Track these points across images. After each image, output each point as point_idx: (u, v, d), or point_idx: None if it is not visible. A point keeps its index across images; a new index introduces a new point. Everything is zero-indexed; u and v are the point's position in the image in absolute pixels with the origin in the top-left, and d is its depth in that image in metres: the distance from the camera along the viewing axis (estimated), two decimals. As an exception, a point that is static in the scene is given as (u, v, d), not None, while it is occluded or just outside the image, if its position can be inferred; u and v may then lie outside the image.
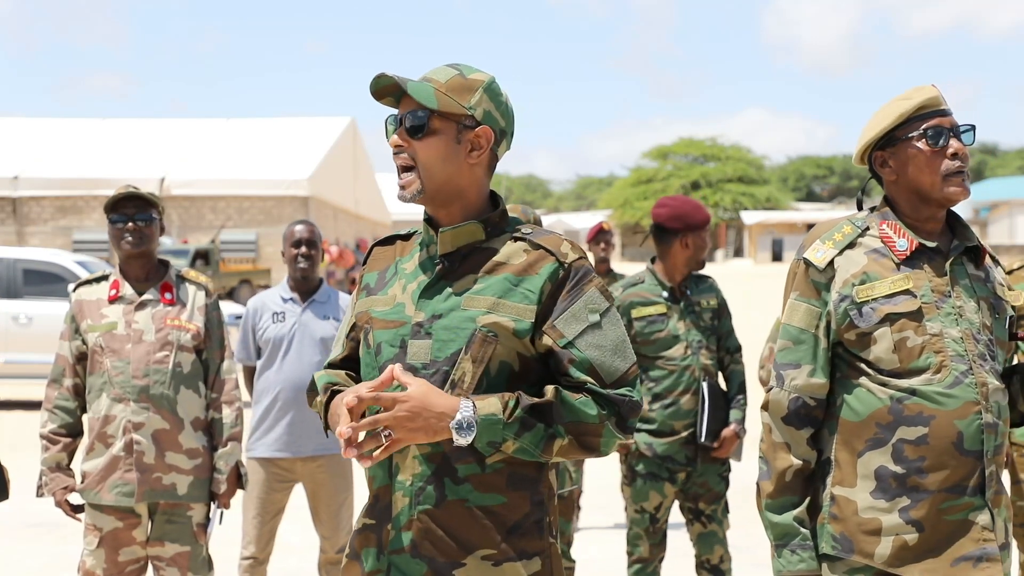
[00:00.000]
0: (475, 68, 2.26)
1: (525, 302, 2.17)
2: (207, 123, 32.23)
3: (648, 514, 4.62)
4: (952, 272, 2.56)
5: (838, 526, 2.57)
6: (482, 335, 2.15)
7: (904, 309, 2.52)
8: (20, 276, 12.57)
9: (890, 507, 2.50)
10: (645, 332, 4.57)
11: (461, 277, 2.22)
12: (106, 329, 4.02)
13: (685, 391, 4.54)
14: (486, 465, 2.16)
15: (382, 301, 2.29)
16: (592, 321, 2.18)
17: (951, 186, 2.54)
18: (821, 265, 2.60)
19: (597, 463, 8.57)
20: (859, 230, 2.62)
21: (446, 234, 2.23)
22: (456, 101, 2.20)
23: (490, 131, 2.23)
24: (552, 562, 2.24)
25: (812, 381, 2.60)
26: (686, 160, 68.24)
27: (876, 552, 2.52)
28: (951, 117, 2.57)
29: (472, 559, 2.17)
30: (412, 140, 2.21)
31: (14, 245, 25.97)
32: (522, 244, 2.23)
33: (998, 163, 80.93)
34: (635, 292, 4.63)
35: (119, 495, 3.97)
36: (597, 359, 2.16)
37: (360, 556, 2.26)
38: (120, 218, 4.02)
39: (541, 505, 2.23)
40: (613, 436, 2.16)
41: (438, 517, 2.17)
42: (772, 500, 2.62)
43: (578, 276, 2.20)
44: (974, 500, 2.48)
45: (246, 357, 4.94)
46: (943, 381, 2.49)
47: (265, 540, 4.80)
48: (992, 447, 2.50)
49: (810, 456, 2.61)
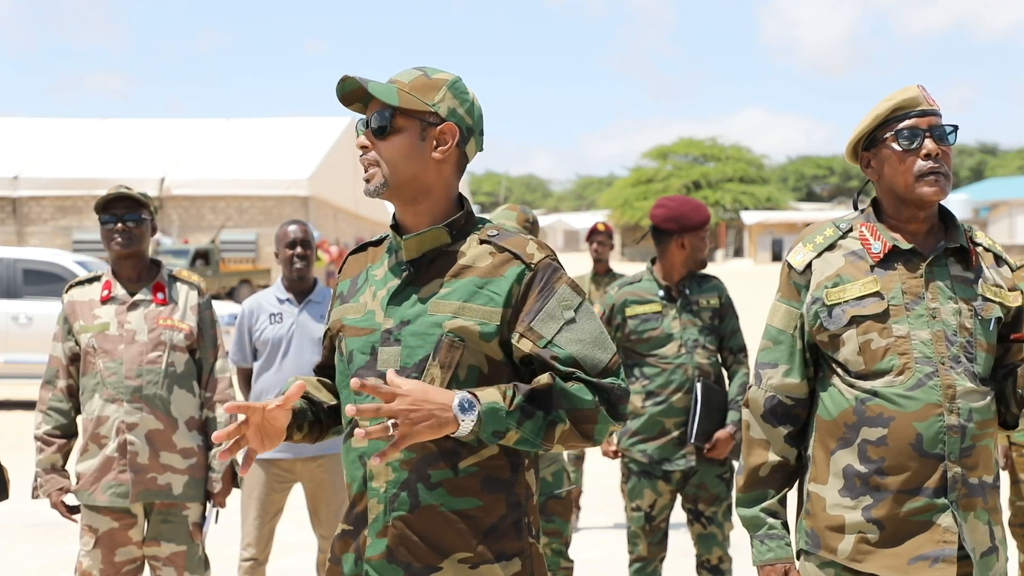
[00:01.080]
0: (440, 69, 2.28)
1: (491, 304, 2.17)
2: (207, 123, 32.23)
3: (643, 512, 4.62)
4: (931, 273, 2.56)
5: (809, 522, 2.63)
6: (448, 340, 2.16)
7: (870, 311, 2.54)
8: (20, 276, 12.58)
9: (854, 505, 2.54)
10: (639, 330, 4.59)
11: (428, 282, 2.23)
12: (98, 330, 4.02)
13: (677, 389, 4.55)
14: (459, 469, 2.17)
15: (354, 309, 2.30)
16: (568, 318, 2.18)
17: (924, 186, 2.55)
18: (800, 267, 2.64)
19: (597, 463, 8.57)
20: (841, 232, 2.65)
21: (411, 240, 2.24)
22: (419, 99, 2.22)
23: (455, 127, 2.23)
24: (533, 562, 2.24)
25: (787, 381, 2.64)
26: (686, 160, 68.25)
27: (839, 548, 2.56)
28: (930, 117, 2.57)
29: (448, 563, 2.17)
30: (376, 140, 2.24)
31: (14, 245, 25.97)
32: (487, 247, 2.23)
33: (998, 163, 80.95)
34: (630, 291, 4.66)
35: (113, 496, 3.97)
36: (579, 353, 2.17)
37: (341, 561, 2.27)
38: (110, 218, 4.02)
39: (518, 506, 2.23)
40: (607, 422, 2.17)
41: (413, 523, 2.17)
42: (743, 494, 2.69)
43: (546, 275, 2.21)
44: (935, 501, 2.49)
45: (242, 359, 4.93)
46: (905, 383, 2.50)
47: (265, 541, 4.81)
48: (957, 449, 2.49)
49: (788, 453, 2.66)
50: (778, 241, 57.58)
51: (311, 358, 4.78)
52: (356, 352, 2.25)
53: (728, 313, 4.68)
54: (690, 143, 68.76)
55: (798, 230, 56.47)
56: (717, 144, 68.35)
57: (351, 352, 2.26)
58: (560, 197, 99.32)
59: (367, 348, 2.23)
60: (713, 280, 4.71)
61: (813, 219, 57.14)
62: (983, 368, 2.57)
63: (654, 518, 4.62)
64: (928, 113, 2.58)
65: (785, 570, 2.64)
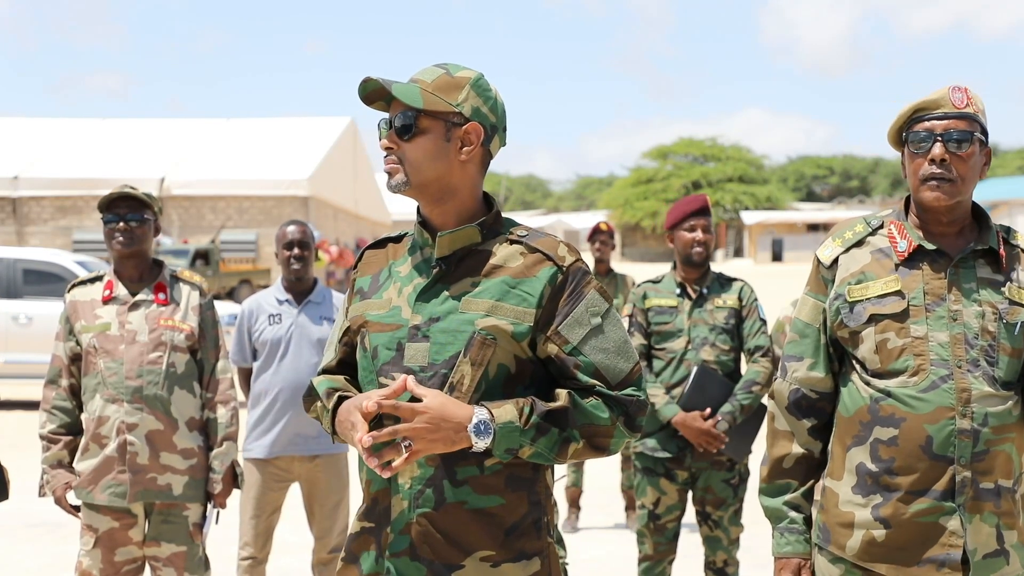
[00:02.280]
0: (462, 66, 2.27)
1: (524, 305, 2.18)
2: (207, 123, 32.23)
3: (647, 510, 4.66)
4: (955, 275, 2.55)
5: (823, 516, 2.65)
6: (481, 338, 2.15)
7: (889, 310, 2.54)
8: (20, 276, 12.58)
9: (865, 503, 2.55)
10: (655, 321, 4.71)
11: (458, 280, 2.22)
12: (100, 330, 4.01)
13: (678, 384, 4.62)
14: (484, 467, 2.17)
15: (377, 304, 2.29)
16: (594, 324, 2.19)
17: (926, 191, 2.54)
18: (827, 262, 2.65)
19: (597, 463, 8.57)
20: (871, 229, 2.64)
21: (444, 238, 2.23)
22: (443, 99, 2.21)
23: (479, 127, 2.23)
24: (551, 562, 2.25)
25: (811, 374, 2.66)
26: (686, 160, 68.25)
27: (847, 545, 2.57)
28: (950, 121, 2.54)
29: (471, 561, 2.18)
30: (401, 141, 2.22)
31: (14, 245, 25.97)
32: (518, 247, 2.24)
33: (998, 163, 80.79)
34: (652, 286, 4.81)
35: (111, 495, 3.97)
36: (602, 362, 2.18)
37: (358, 559, 2.26)
38: (113, 218, 4.01)
39: (538, 505, 2.23)
40: (623, 436, 2.19)
41: (437, 520, 2.17)
42: (766, 484, 2.72)
43: (576, 279, 2.21)
44: (943, 504, 2.49)
45: (242, 359, 4.94)
46: (918, 384, 2.50)
47: (263, 540, 4.81)
48: (968, 454, 2.48)
49: (812, 446, 2.68)
50: (778, 241, 57.55)
51: (310, 359, 4.78)
52: (381, 348, 2.24)
53: (750, 314, 4.70)
54: (690, 143, 68.75)
55: (798, 230, 56.54)
56: (717, 144, 68.34)
57: (376, 347, 2.25)
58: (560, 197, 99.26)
59: (393, 344, 2.22)
60: (736, 281, 4.77)
61: (813, 219, 57.18)
62: (1006, 372, 2.53)
63: (659, 517, 4.64)
64: (949, 116, 2.54)
65: (799, 565, 2.65)
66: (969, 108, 2.55)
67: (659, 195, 63.02)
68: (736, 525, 4.65)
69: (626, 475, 7.11)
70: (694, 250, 4.63)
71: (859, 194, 79.62)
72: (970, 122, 2.54)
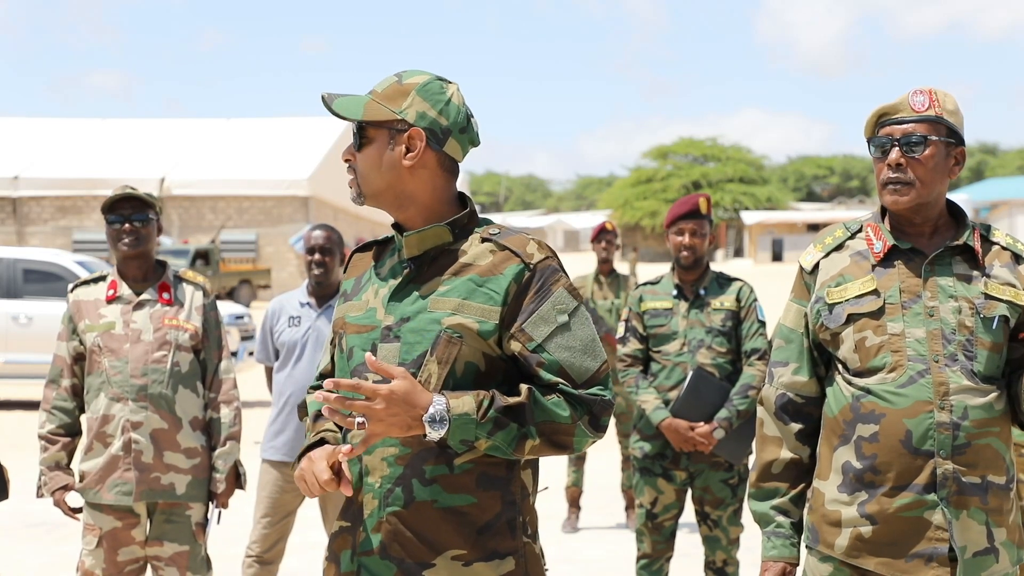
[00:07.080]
0: (418, 71, 2.29)
1: (489, 303, 2.19)
2: (207, 123, 32.26)
3: (645, 510, 4.68)
4: (931, 272, 2.59)
5: (811, 516, 2.68)
6: (447, 336, 2.17)
7: (866, 309, 2.59)
8: (20, 276, 12.58)
9: (850, 501, 2.58)
10: (651, 324, 4.69)
11: (428, 280, 2.24)
12: (104, 329, 4.02)
13: (674, 387, 4.60)
14: (454, 466, 2.18)
15: (356, 306, 2.32)
16: (560, 322, 2.19)
17: (886, 195, 2.61)
18: (808, 268, 2.71)
19: (598, 464, 8.57)
20: (849, 233, 2.70)
21: (411, 237, 2.26)
22: (387, 108, 2.24)
23: (421, 132, 2.23)
24: (528, 562, 2.25)
25: (796, 379, 2.70)
26: (686, 160, 68.20)
27: (836, 543, 2.60)
28: (908, 125, 2.58)
29: (442, 559, 2.18)
30: (356, 152, 2.28)
31: (14, 245, 25.98)
32: (488, 245, 2.24)
33: (998, 163, 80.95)
34: (649, 288, 4.77)
35: (118, 494, 3.97)
36: (567, 360, 2.18)
37: (339, 558, 2.28)
38: (117, 219, 4.02)
39: (513, 505, 2.23)
40: (586, 436, 2.18)
41: (406, 518, 2.18)
42: (755, 489, 2.75)
43: (544, 276, 2.21)
44: (925, 498, 2.51)
45: (265, 358, 4.98)
46: (896, 380, 2.54)
47: (272, 541, 4.79)
48: (948, 447, 2.50)
49: (801, 451, 2.71)
50: (778, 241, 57.52)
51: (326, 363, 4.79)
52: (356, 349, 2.27)
53: (748, 316, 4.67)
54: (690, 143, 68.71)
55: (798, 230, 56.54)
56: (717, 144, 68.28)
57: (351, 349, 2.28)
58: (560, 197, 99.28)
59: (367, 345, 2.25)
60: (735, 282, 4.74)
61: (813, 219, 57.16)
62: (985, 366, 2.56)
63: (656, 516, 4.66)
64: (907, 121, 2.59)
65: (784, 570, 2.67)
66: (931, 111, 2.59)
67: (659, 195, 62.94)
68: (735, 525, 4.66)
69: (626, 475, 7.12)
70: (681, 254, 4.64)
71: (859, 194, 79.62)
72: (931, 125, 2.58)
